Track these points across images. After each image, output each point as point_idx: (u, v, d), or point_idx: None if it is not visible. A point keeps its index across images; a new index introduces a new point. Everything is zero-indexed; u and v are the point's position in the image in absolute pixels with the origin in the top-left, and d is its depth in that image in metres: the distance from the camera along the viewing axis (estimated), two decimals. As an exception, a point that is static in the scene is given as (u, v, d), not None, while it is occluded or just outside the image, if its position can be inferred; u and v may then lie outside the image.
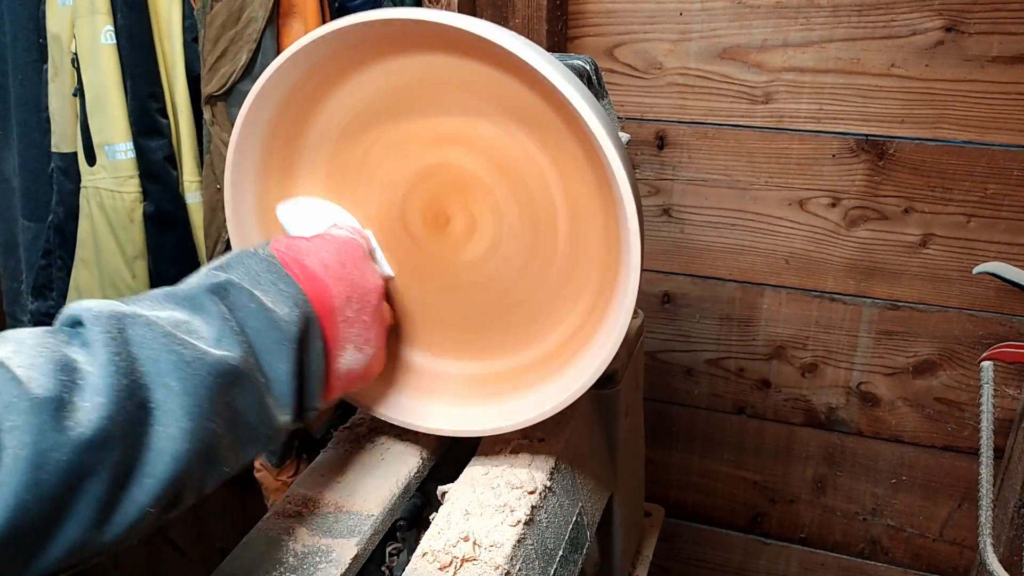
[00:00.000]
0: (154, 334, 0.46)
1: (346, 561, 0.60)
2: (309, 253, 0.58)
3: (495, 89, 0.61)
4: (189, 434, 0.45)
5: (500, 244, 0.66)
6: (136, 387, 0.44)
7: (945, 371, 1.21)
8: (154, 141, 1.08)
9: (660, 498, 1.39)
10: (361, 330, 0.60)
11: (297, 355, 0.54)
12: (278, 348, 0.53)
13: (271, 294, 0.54)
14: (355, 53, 0.62)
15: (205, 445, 0.46)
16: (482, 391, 0.71)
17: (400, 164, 0.66)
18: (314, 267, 0.57)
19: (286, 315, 0.53)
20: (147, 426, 0.44)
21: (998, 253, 1.12)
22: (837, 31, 1.08)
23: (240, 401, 0.49)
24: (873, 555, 1.37)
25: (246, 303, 0.52)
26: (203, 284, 0.52)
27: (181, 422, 0.45)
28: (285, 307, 0.54)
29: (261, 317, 0.52)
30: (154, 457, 0.44)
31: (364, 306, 0.60)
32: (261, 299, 0.53)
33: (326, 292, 0.57)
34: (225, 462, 0.49)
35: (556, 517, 0.69)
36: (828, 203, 1.17)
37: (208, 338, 0.49)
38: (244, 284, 0.53)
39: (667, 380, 1.36)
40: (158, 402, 0.45)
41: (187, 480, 0.46)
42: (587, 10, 1.17)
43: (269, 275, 0.55)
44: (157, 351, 0.46)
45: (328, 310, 0.57)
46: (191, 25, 1.05)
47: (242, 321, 0.52)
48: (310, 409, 0.57)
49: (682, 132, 1.20)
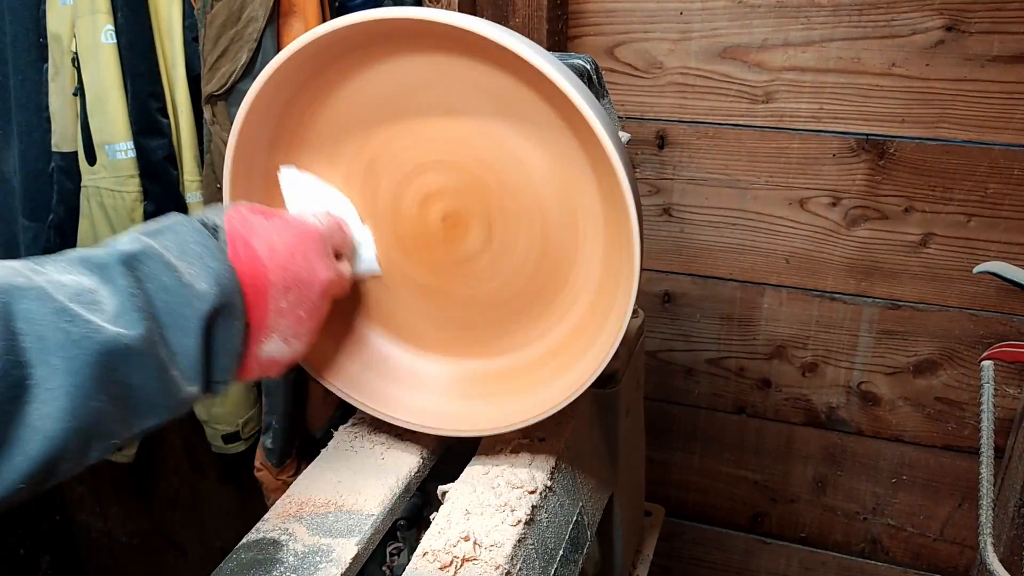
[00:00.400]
0: (44, 310, 0.45)
1: (346, 561, 0.60)
2: (259, 234, 0.57)
3: (495, 88, 0.61)
4: (68, 413, 0.45)
5: (499, 243, 0.66)
6: (14, 365, 0.43)
7: (946, 370, 1.21)
8: (154, 140, 1.08)
9: (660, 497, 1.39)
10: (293, 323, 0.59)
11: (206, 332, 0.53)
12: (186, 324, 0.52)
13: (195, 267, 0.53)
14: (355, 53, 0.62)
15: (86, 423, 0.46)
16: (482, 391, 0.71)
17: (400, 163, 0.66)
18: (259, 248, 0.56)
19: (203, 291, 0.52)
20: (23, 404, 0.44)
21: (998, 252, 1.12)
22: (838, 30, 1.08)
23: (135, 377, 0.49)
24: (873, 554, 1.37)
25: (159, 275, 0.51)
26: (121, 251, 0.51)
27: (60, 401, 0.45)
28: (205, 283, 0.53)
29: (173, 291, 0.51)
30: (28, 435, 0.44)
31: (303, 300, 0.59)
32: (178, 272, 0.52)
33: (263, 276, 0.56)
34: (114, 435, 0.49)
35: (557, 517, 0.69)
36: (829, 203, 1.17)
37: (108, 312, 0.48)
38: (166, 255, 0.52)
39: (667, 380, 1.36)
40: (39, 380, 0.44)
41: (64, 456, 0.46)
42: (587, 9, 1.17)
43: (198, 247, 0.54)
44: (44, 328, 0.45)
45: (260, 294, 0.56)
46: (191, 24, 1.05)
47: (152, 294, 0.51)
48: (219, 383, 0.56)
49: (682, 131, 1.20)
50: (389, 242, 0.69)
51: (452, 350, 0.72)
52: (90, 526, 1.79)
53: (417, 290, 0.71)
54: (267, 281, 0.56)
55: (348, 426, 0.77)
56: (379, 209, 0.68)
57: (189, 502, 1.66)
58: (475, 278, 0.68)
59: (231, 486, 1.58)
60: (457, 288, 0.69)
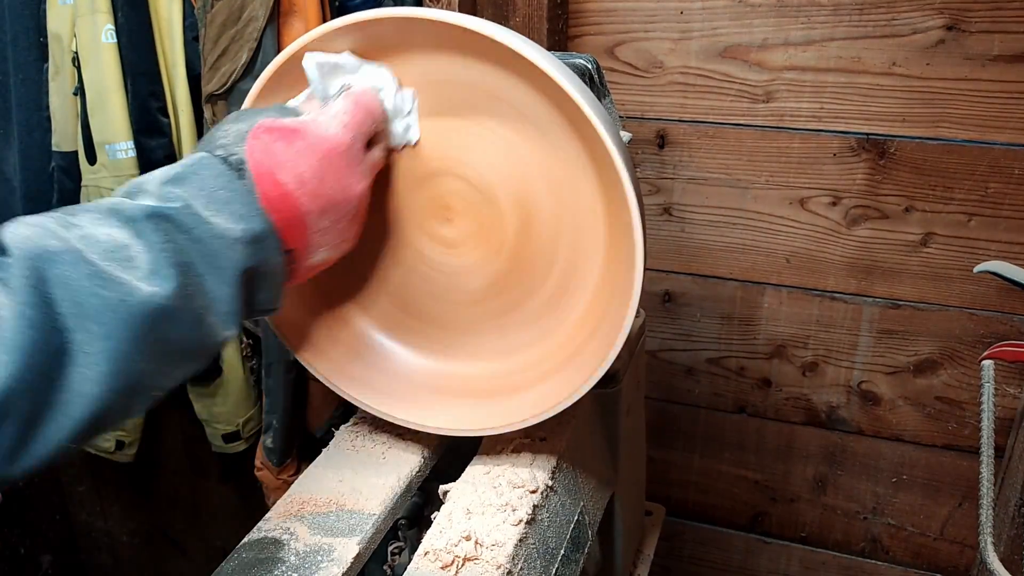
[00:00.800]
0: (78, 274, 0.45)
1: (348, 560, 0.60)
2: (285, 164, 0.55)
3: (496, 88, 0.61)
4: (109, 376, 0.46)
5: (501, 243, 0.66)
6: (52, 332, 0.44)
7: (946, 370, 1.21)
8: (155, 140, 1.08)
9: (661, 497, 1.39)
10: (335, 236, 0.59)
11: (243, 277, 0.53)
12: (222, 273, 0.52)
13: (223, 214, 0.52)
14: (355, 52, 0.62)
15: (128, 383, 0.47)
16: (484, 391, 0.71)
17: (400, 164, 0.66)
18: (287, 182, 0.55)
19: (236, 239, 0.52)
20: (64, 368, 0.44)
21: (999, 252, 1.12)
22: (838, 30, 1.08)
23: (172, 332, 0.49)
24: (874, 554, 1.37)
25: (191, 227, 0.51)
26: (150, 206, 0.51)
27: (100, 365, 0.45)
28: (238, 230, 0.52)
29: (206, 243, 0.51)
30: (71, 398, 0.45)
31: (341, 216, 0.58)
32: (209, 223, 0.51)
33: (296, 208, 0.55)
34: (156, 388, 0.50)
35: (558, 516, 0.69)
36: (829, 202, 1.17)
37: (143, 268, 0.48)
38: (194, 205, 0.51)
39: (668, 379, 1.36)
40: (78, 344, 0.45)
41: (108, 415, 0.47)
42: (588, 9, 1.17)
43: (225, 192, 0.53)
44: (79, 293, 0.45)
45: (297, 226, 0.56)
46: (192, 24, 1.05)
47: (185, 247, 0.50)
48: (265, 312, 0.57)
49: (683, 131, 1.20)
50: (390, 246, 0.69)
51: (456, 352, 0.72)
52: (90, 526, 1.79)
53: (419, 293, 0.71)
54: (301, 212, 0.56)
55: (349, 425, 0.77)
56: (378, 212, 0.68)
57: (189, 502, 1.66)
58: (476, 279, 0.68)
59: (231, 486, 1.58)
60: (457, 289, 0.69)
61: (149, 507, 1.71)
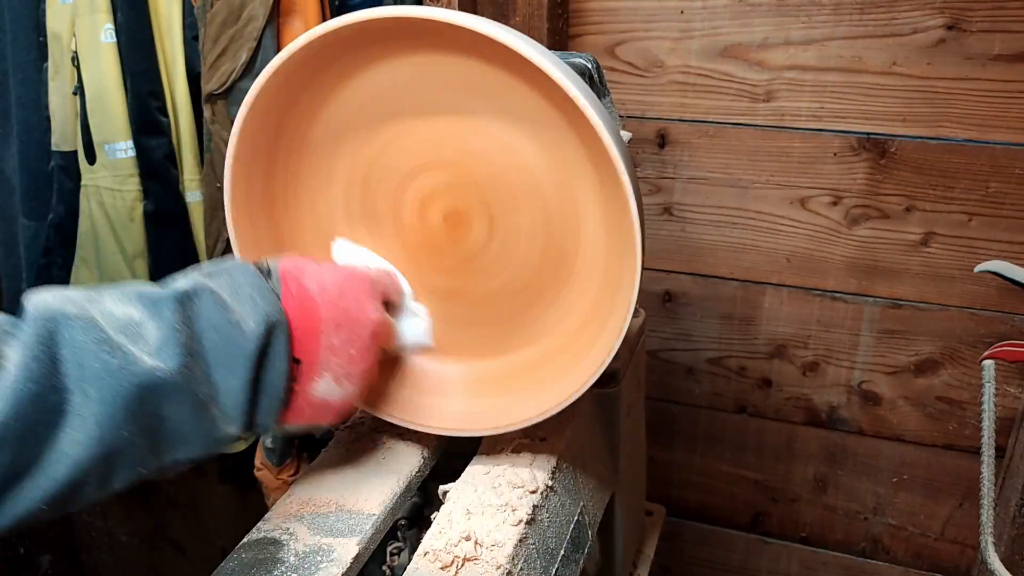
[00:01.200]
0: (87, 339, 0.47)
1: (347, 560, 0.60)
2: (311, 274, 0.58)
3: (496, 87, 0.60)
4: (96, 441, 0.46)
5: (499, 243, 0.66)
6: (52, 390, 0.45)
7: (946, 370, 1.21)
8: (154, 139, 1.08)
9: (661, 497, 1.39)
10: (344, 362, 0.58)
11: (252, 372, 0.53)
12: (231, 362, 0.52)
13: (245, 306, 0.53)
14: (355, 52, 0.62)
15: (112, 451, 0.47)
16: (483, 391, 0.71)
17: (401, 163, 0.66)
18: (310, 286, 0.57)
19: (251, 330, 0.53)
20: (56, 428, 0.45)
21: (999, 251, 1.12)
22: (839, 29, 1.08)
23: (167, 409, 0.50)
24: (874, 554, 1.37)
25: (209, 313, 0.52)
26: (178, 288, 0.53)
27: (90, 428, 0.46)
28: (253, 322, 0.53)
29: (220, 329, 0.52)
30: (56, 458, 0.45)
31: (353, 338, 0.59)
32: (230, 311, 0.52)
33: (314, 311, 0.57)
34: (140, 464, 0.50)
35: (558, 516, 0.69)
36: (829, 202, 1.17)
37: (150, 345, 0.49)
38: (220, 294, 0.53)
39: (668, 379, 1.36)
40: (74, 406, 0.46)
41: (88, 481, 0.47)
42: (588, 8, 1.17)
43: (250, 288, 0.55)
44: (85, 356, 0.46)
45: (311, 331, 0.56)
46: (191, 23, 1.05)
47: (200, 331, 0.51)
48: (263, 426, 0.56)
49: (683, 130, 1.20)
50: (400, 256, 0.69)
51: (455, 352, 0.72)
52: (90, 526, 1.79)
53: (433, 295, 0.71)
54: (318, 317, 0.57)
55: (349, 426, 0.77)
56: (382, 225, 0.69)
57: (189, 502, 1.66)
58: (485, 273, 0.68)
59: (231, 486, 1.58)
60: (470, 285, 0.69)
61: (149, 507, 1.71)
